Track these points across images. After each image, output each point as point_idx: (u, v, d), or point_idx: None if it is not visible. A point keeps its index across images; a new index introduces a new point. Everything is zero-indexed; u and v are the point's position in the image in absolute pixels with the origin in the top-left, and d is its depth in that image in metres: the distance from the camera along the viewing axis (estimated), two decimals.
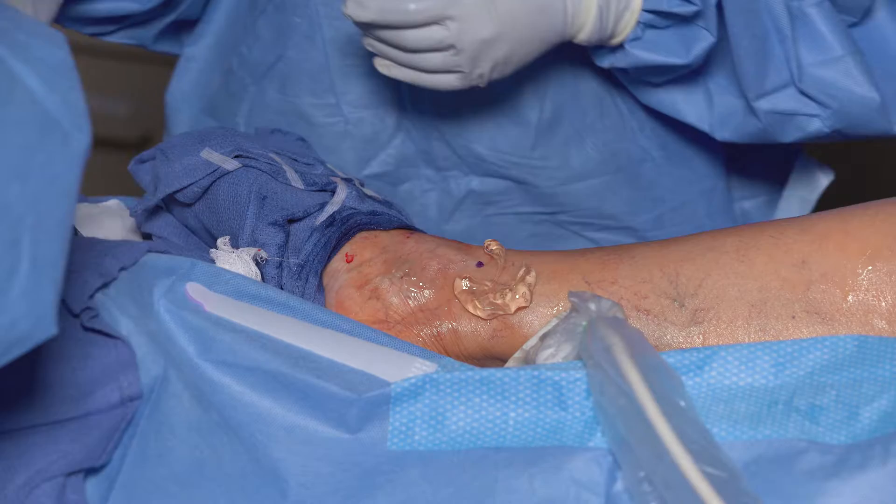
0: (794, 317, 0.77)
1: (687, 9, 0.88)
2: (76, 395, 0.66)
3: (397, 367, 0.72)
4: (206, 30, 1.07)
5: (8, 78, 0.56)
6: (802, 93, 0.91)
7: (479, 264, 0.83)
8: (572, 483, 0.67)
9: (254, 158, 0.85)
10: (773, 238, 0.79)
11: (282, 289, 0.81)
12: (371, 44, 0.90)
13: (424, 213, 1.07)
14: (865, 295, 0.76)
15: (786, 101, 0.91)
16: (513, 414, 0.69)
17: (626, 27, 0.90)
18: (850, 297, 0.77)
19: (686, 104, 0.98)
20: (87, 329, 0.68)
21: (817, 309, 0.77)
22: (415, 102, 1.03)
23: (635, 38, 0.91)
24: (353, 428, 0.69)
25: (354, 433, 0.69)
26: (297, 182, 0.85)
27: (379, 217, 0.85)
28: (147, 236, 0.90)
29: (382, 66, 0.90)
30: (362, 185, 0.89)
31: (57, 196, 0.57)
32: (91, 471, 0.67)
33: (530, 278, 0.81)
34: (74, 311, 0.68)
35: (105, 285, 0.70)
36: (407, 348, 0.74)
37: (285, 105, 1.05)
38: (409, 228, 0.86)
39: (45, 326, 0.56)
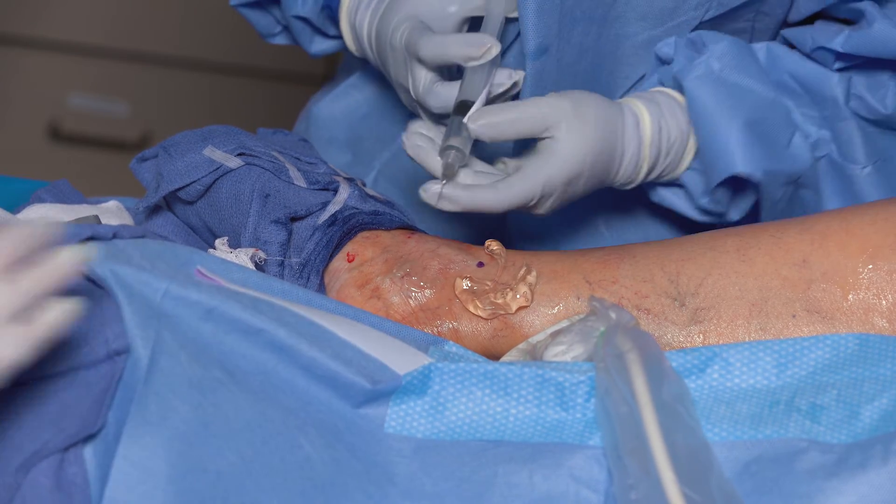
0: (794, 316, 0.77)
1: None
2: (62, 348, 0.64)
3: (407, 359, 0.71)
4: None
5: None
6: None
7: (480, 264, 0.83)
8: (572, 480, 0.67)
9: (257, 157, 0.85)
10: (773, 237, 0.80)
11: None
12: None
13: None
14: (866, 294, 0.76)
15: None
16: (514, 411, 0.69)
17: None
18: (850, 296, 0.77)
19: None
20: None
21: (818, 308, 0.77)
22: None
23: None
24: (356, 403, 0.69)
25: (356, 408, 0.69)
26: (299, 180, 0.85)
27: (381, 217, 0.85)
28: None
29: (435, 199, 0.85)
30: (364, 185, 0.89)
31: None
32: (87, 437, 0.65)
33: (531, 278, 0.81)
34: None
35: (94, 239, 0.69)
36: (411, 333, 0.75)
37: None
38: (410, 228, 0.86)
39: None
